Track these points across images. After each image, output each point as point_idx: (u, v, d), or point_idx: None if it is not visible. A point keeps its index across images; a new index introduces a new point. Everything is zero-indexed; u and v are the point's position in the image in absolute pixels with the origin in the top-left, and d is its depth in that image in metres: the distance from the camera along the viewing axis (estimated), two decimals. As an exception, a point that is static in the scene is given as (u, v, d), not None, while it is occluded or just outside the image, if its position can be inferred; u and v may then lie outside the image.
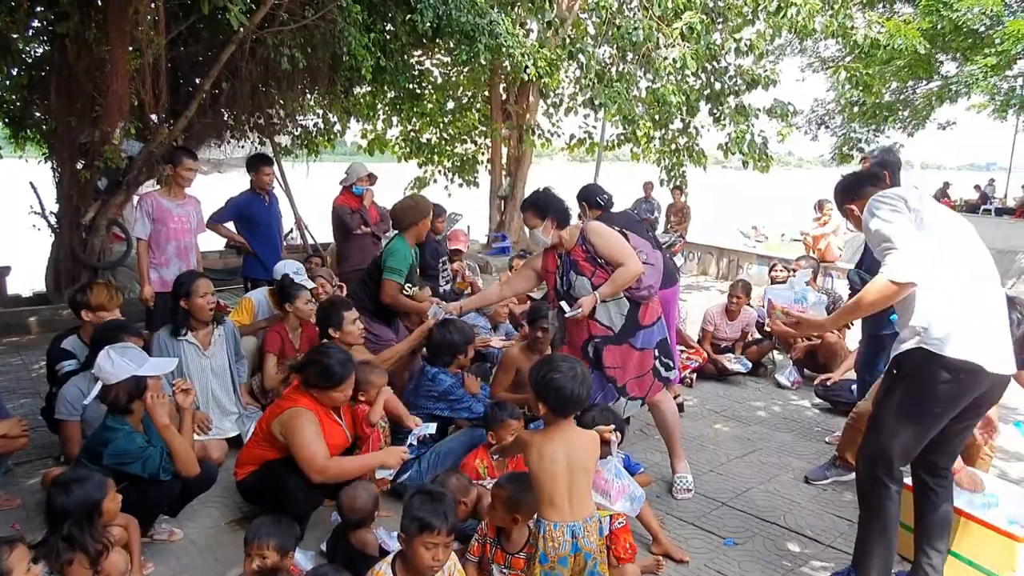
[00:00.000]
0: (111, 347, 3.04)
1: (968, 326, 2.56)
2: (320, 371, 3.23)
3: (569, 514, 2.49)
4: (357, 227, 6.35)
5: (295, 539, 2.73)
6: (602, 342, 3.67)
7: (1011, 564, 2.89)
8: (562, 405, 2.55)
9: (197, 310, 4.06)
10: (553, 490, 2.49)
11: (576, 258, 3.70)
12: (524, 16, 10.10)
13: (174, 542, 3.27)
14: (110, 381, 2.96)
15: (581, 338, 3.73)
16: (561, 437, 2.56)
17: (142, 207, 4.93)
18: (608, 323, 3.69)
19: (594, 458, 2.63)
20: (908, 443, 2.71)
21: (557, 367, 2.57)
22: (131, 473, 2.90)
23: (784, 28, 9.66)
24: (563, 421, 2.59)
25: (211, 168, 9.29)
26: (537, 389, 2.59)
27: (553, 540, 2.47)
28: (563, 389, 2.52)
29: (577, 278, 3.69)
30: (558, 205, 3.78)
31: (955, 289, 2.58)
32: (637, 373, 3.74)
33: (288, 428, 3.12)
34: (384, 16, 7.59)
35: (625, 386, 3.73)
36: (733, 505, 3.84)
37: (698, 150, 11.05)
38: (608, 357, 3.68)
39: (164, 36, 6.14)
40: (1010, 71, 15.04)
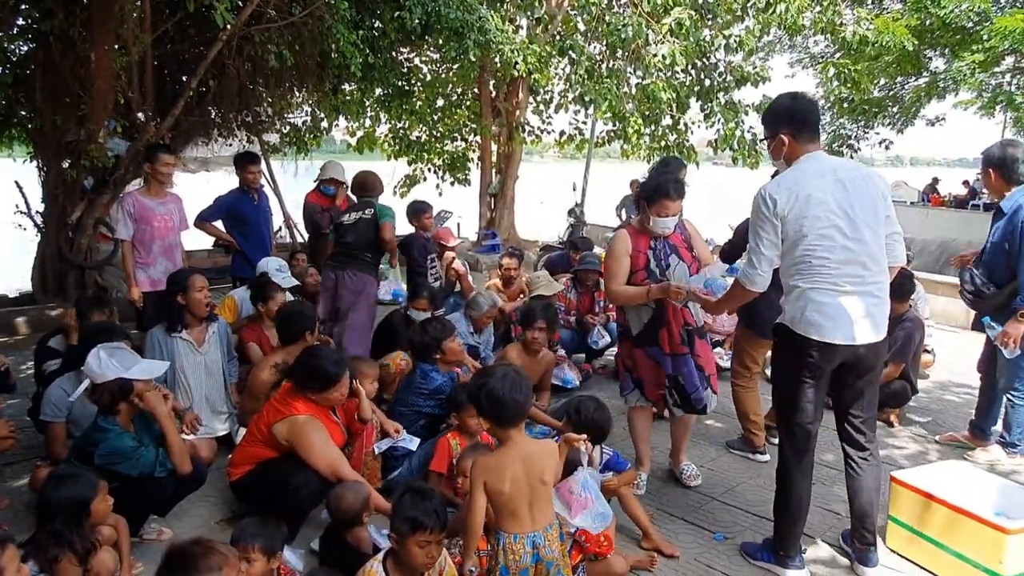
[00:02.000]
0: (102, 346, 3.04)
1: (824, 307, 2.81)
2: (314, 373, 3.22)
3: (530, 524, 2.46)
4: (327, 226, 6.40)
5: (282, 540, 2.71)
6: (693, 331, 3.70)
7: (999, 556, 2.91)
8: (499, 412, 2.46)
9: (194, 305, 4.04)
10: (514, 504, 2.44)
11: (677, 244, 3.70)
12: (513, 13, 10.08)
13: (163, 541, 3.25)
14: (97, 380, 2.95)
15: (679, 325, 3.67)
16: (516, 454, 2.47)
17: (123, 208, 4.86)
18: (696, 315, 3.75)
19: (553, 469, 2.56)
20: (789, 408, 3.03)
21: (490, 374, 2.53)
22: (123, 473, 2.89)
23: (773, 24, 9.70)
24: (513, 433, 2.50)
25: (198, 166, 9.25)
26: (474, 402, 2.55)
27: (513, 553, 2.43)
28: (494, 392, 2.44)
29: (678, 263, 3.66)
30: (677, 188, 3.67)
31: (811, 273, 2.83)
32: (714, 370, 3.83)
33: (298, 438, 3.13)
34: (372, 13, 7.56)
35: (710, 377, 3.76)
36: (723, 500, 3.85)
37: (688, 146, 11.07)
38: (700, 348, 3.74)
39: (150, 34, 6.09)
40: (997, 68, 15.14)
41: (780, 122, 2.98)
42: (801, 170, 2.88)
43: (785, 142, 2.95)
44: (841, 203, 2.81)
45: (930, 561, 3.18)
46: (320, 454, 3.10)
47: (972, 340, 7.39)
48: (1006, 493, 3.28)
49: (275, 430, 3.17)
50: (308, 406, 3.23)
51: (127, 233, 4.83)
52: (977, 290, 4.24)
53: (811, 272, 2.83)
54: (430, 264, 6.10)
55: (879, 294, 2.89)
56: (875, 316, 2.88)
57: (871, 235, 2.85)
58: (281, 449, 3.18)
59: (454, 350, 4.23)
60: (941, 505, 3.13)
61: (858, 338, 2.84)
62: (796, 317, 2.89)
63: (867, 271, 2.85)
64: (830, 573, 3.21)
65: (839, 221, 2.80)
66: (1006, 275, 4.09)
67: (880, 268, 2.89)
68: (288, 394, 3.27)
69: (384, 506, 3.06)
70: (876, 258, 2.88)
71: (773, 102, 3.15)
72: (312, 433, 3.13)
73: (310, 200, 6.56)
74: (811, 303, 2.84)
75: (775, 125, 3.00)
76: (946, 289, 8.18)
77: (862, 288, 2.84)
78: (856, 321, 2.83)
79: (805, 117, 2.95)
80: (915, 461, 4.37)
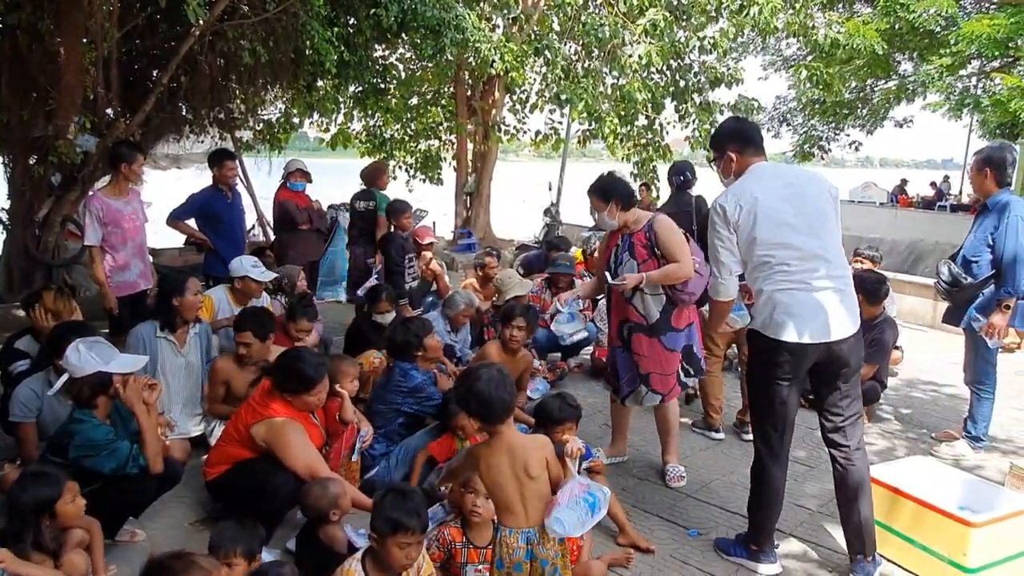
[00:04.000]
0: (81, 340, 3.01)
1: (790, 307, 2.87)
2: (293, 376, 3.20)
3: (524, 520, 2.51)
4: (304, 223, 6.48)
5: (261, 542, 2.70)
6: (635, 328, 3.82)
7: (963, 549, 2.98)
8: (486, 410, 2.56)
9: (187, 308, 4.05)
10: (505, 497, 2.50)
11: (635, 241, 3.81)
12: (489, 12, 10.08)
13: (137, 543, 3.19)
14: (76, 375, 2.92)
15: (618, 318, 3.90)
16: (502, 446, 2.57)
17: (91, 212, 4.70)
18: (643, 313, 3.82)
19: (538, 461, 2.60)
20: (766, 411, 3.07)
21: (474, 375, 2.60)
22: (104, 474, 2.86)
23: (747, 26, 9.81)
24: (501, 428, 2.59)
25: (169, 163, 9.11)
26: (462, 404, 2.62)
27: (507, 546, 2.48)
28: (481, 393, 2.53)
29: (629, 260, 3.80)
30: (622, 188, 3.90)
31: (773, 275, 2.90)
32: (662, 370, 3.86)
33: (276, 440, 3.10)
34: (348, 10, 7.50)
35: (648, 376, 3.85)
36: (697, 497, 3.89)
37: (664, 146, 11.16)
38: (635, 343, 3.84)
39: (119, 28, 5.98)
40: (964, 71, 15.46)
41: (726, 141, 3.15)
42: (748, 179, 3.02)
43: (733, 159, 3.10)
44: (791, 203, 2.92)
45: (899, 555, 3.25)
46: (298, 456, 3.08)
47: (938, 338, 7.56)
48: (971, 488, 3.37)
49: (253, 431, 3.15)
50: (286, 408, 3.20)
51: (96, 239, 4.68)
52: (955, 280, 4.37)
53: (773, 274, 2.91)
54: (408, 263, 6.08)
55: (843, 287, 2.94)
56: (843, 311, 2.92)
57: (825, 232, 2.95)
58: (258, 450, 3.15)
59: (435, 347, 4.31)
60: (908, 500, 3.20)
61: (828, 335, 2.88)
62: (765, 320, 2.94)
63: (827, 265, 2.92)
64: (801, 568, 3.26)
65: (791, 220, 2.90)
66: (985, 269, 4.25)
67: (840, 262, 2.98)
68: (266, 394, 3.24)
69: (366, 502, 3.06)
70: (834, 253, 2.96)
71: (719, 126, 3.35)
72: (291, 435, 3.11)
73: (283, 198, 6.55)
74: (778, 305, 2.90)
75: (722, 145, 3.17)
76: (914, 288, 8.34)
77: (825, 284, 2.89)
78: (824, 318, 2.88)
79: (750, 135, 3.13)
80: (884, 457, 4.45)
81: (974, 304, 4.37)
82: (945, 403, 5.64)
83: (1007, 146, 4.48)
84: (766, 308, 2.93)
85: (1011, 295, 4.15)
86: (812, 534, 3.55)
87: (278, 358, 3.35)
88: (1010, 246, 4.12)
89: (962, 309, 4.45)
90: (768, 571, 3.14)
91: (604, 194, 3.84)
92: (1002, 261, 4.15)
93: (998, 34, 12.07)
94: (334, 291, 8.28)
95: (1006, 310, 4.19)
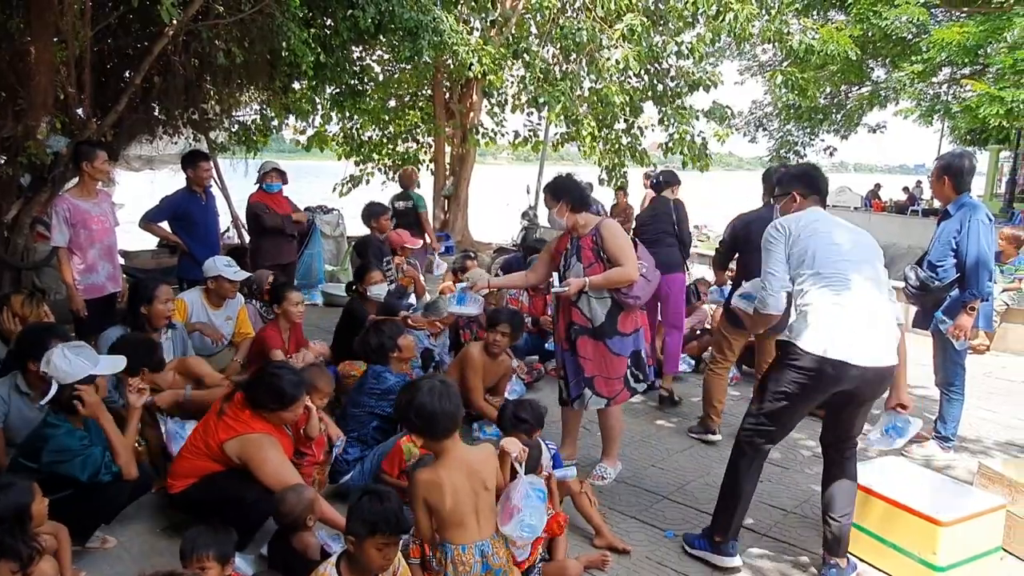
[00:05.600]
0: (65, 346, 2.98)
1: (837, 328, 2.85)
2: (271, 392, 3.16)
3: (477, 532, 2.44)
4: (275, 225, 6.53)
5: (233, 545, 2.67)
6: (580, 330, 3.85)
7: (933, 548, 3.03)
8: (430, 425, 2.42)
9: (155, 316, 4.02)
10: (460, 515, 2.42)
11: (583, 244, 3.86)
12: (468, 14, 10.08)
13: (107, 550, 3.15)
14: (66, 380, 2.88)
15: (564, 320, 3.93)
16: (456, 463, 2.44)
17: (58, 213, 4.62)
18: (588, 315, 3.84)
19: (494, 473, 2.56)
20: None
21: (416, 388, 2.48)
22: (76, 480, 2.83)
23: (723, 32, 9.90)
24: (448, 444, 2.45)
25: (142, 165, 8.98)
26: (403, 420, 2.50)
27: (463, 564, 2.41)
28: (424, 407, 2.39)
29: (576, 263, 3.85)
30: (573, 189, 3.94)
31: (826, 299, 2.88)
32: (607, 374, 3.87)
33: (252, 458, 3.06)
34: (324, 11, 7.45)
35: (592, 379, 3.87)
36: (673, 498, 3.91)
37: (641, 150, 11.24)
38: (581, 346, 3.86)
39: (91, 27, 5.89)
40: (935, 78, 15.74)
41: (795, 182, 3.30)
42: (807, 213, 3.12)
43: (796, 200, 3.24)
44: (847, 237, 3.03)
45: (870, 554, 3.29)
46: (274, 473, 3.03)
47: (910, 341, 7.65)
48: (940, 487, 3.42)
49: (227, 448, 3.08)
50: (261, 423, 3.15)
51: (63, 240, 4.61)
52: (922, 284, 4.44)
53: (823, 286, 2.90)
54: (386, 266, 6.07)
55: (889, 320, 2.97)
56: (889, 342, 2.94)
57: (879, 265, 3.05)
58: (230, 465, 3.10)
59: (409, 346, 4.33)
60: (879, 500, 3.24)
61: (873, 361, 2.86)
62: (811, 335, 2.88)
63: (878, 295, 2.95)
64: (775, 568, 3.29)
65: (847, 247, 2.99)
66: (950, 273, 4.33)
67: (887, 297, 3.00)
68: (240, 410, 3.17)
69: (332, 518, 3.03)
70: (884, 287, 3.01)
71: (792, 168, 3.55)
72: (268, 451, 3.06)
73: (255, 200, 6.51)
74: (826, 318, 2.86)
75: (790, 185, 3.31)
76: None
77: (876, 310, 2.93)
78: (869, 343, 2.87)
79: (818, 184, 3.26)
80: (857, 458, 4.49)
81: (941, 307, 4.44)
82: (916, 404, 5.69)
83: (966, 154, 4.58)
84: (812, 321, 2.89)
85: (976, 297, 4.24)
86: (786, 534, 3.59)
87: (257, 374, 3.31)
88: (972, 250, 4.20)
89: (931, 312, 4.52)
90: (730, 564, 3.19)
91: (555, 193, 3.93)
92: (966, 265, 4.24)
93: (968, 41, 12.32)
94: (310, 294, 8.22)
95: (971, 312, 4.28)
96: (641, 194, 10.47)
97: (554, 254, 4.05)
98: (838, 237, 3.01)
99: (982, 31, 12.36)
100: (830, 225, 3.07)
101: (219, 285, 4.76)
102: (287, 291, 4.72)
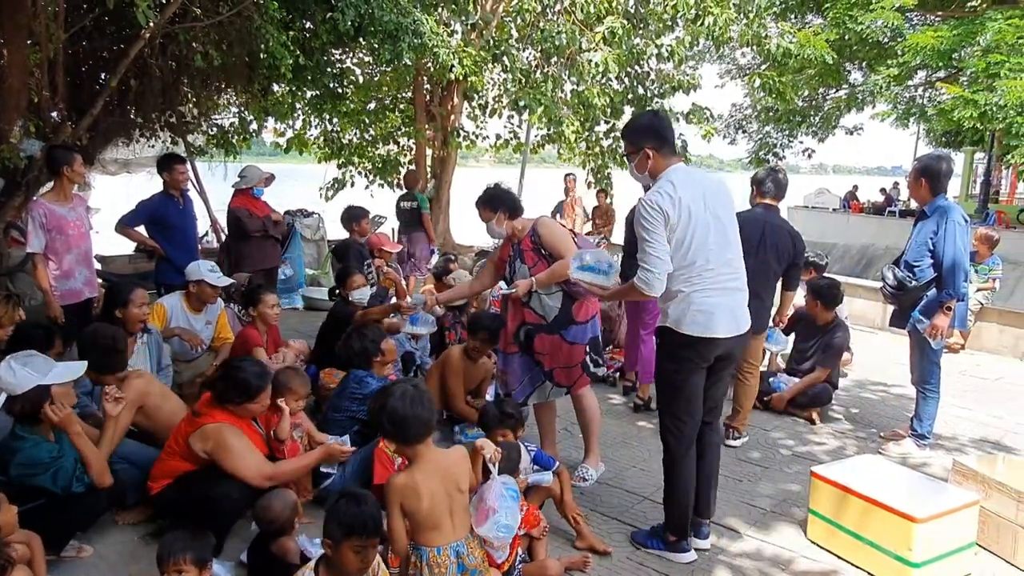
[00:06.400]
0: (12, 357, 2.91)
1: (706, 307, 3.06)
2: (235, 385, 3.15)
3: (451, 533, 2.44)
4: (257, 230, 6.50)
5: (211, 549, 2.64)
6: (534, 329, 3.88)
7: (908, 544, 3.06)
8: (402, 430, 2.42)
9: (129, 321, 3.99)
10: (435, 518, 2.42)
11: (524, 247, 3.91)
12: (448, 17, 10.08)
13: (83, 559, 3.11)
14: (14, 392, 2.83)
15: (515, 322, 3.95)
16: (430, 467, 2.44)
17: (34, 219, 4.56)
18: (541, 313, 3.87)
19: (467, 475, 2.56)
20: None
21: (388, 393, 2.47)
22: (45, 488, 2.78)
23: (702, 36, 9.98)
24: (421, 449, 2.45)
25: (119, 168, 8.89)
26: (376, 425, 2.50)
27: (438, 566, 2.39)
28: (395, 412, 2.39)
29: (520, 266, 3.91)
30: (507, 198, 4.00)
31: (693, 276, 3.05)
32: (565, 364, 3.92)
33: (215, 445, 3.05)
34: (304, 14, 7.41)
35: (552, 372, 3.92)
36: (654, 499, 3.91)
37: (623, 153, 11.27)
38: (538, 343, 3.89)
39: (64, 30, 5.81)
40: (911, 81, 15.97)
41: (644, 137, 3.18)
42: (674, 181, 3.07)
43: (650, 156, 3.15)
44: (711, 211, 3.07)
45: (847, 551, 3.33)
46: (240, 455, 3.03)
47: (887, 340, 7.77)
48: (915, 484, 3.46)
49: (191, 443, 3.08)
50: (226, 416, 3.15)
51: (39, 245, 4.54)
52: (900, 284, 4.50)
53: (693, 276, 3.06)
54: (366, 269, 6.05)
55: (743, 288, 3.22)
56: (745, 310, 3.23)
57: (735, 238, 3.17)
58: (200, 462, 3.09)
59: (391, 350, 4.34)
60: (856, 497, 3.28)
61: (733, 331, 3.14)
62: (681, 319, 3.09)
63: (735, 271, 3.17)
64: (755, 566, 3.31)
65: (712, 226, 3.06)
66: (927, 273, 4.40)
67: (742, 267, 3.22)
68: (206, 406, 3.18)
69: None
70: (739, 258, 3.21)
71: (634, 119, 3.47)
72: (229, 439, 3.05)
73: (236, 205, 6.47)
74: (693, 304, 3.06)
75: (639, 140, 3.20)
76: (865, 292, 8.57)
77: (735, 286, 3.16)
78: (732, 316, 3.13)
79: (666, 134, 3.19)
80: (835, 456, 4.55)
81: (917, 307, 4.51)
82: (893, 403, 5.80)
83: (943, 156, 4.65)
84: (683, 307, 3.08)
85: (952, 297, 4.31)
86: (766, 533, 3.62)
87: (221, 370, 3.31)
88: (949, 251, 4.27)
89: (908, 312, 4.59)
90: (686, 559, 3.27)
91: (491, 204, 3.96)
92: (942, 266, 4.31)
93: (942, 45, 12.53)
94: (290, 298, 8.18)
95: (948, 312, 4.35)
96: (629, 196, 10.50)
97: (499, 263, 4.13)
98: (705, 215, 3.04)
99: (955, 35, 12.58)
100: (697, 198, 3.03)
101: (201, 290, 4.71)
102: (262, 293, 4.71)
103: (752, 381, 4.78)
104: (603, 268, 3.27)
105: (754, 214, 4.56)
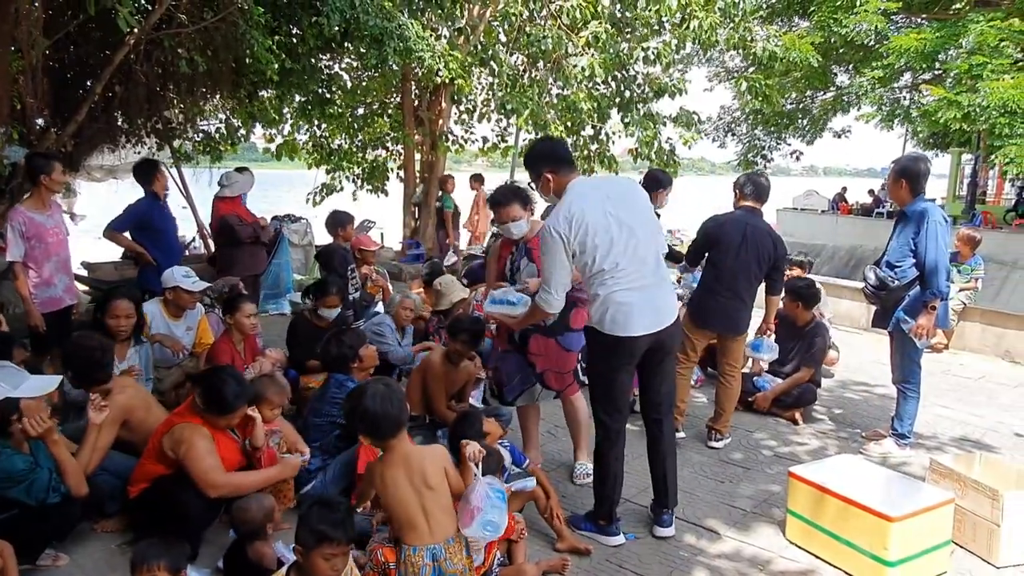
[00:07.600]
0: None
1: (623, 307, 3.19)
2: (213, 398, 3.16)
3: (428, 535, 2.47)
4: (249, 237, 6.57)
5: (185, 557, 2.64)
6: (531, 329, 3.88)
7: (884, 543, 3.09)
8: (375, 427, 2.57)
9: (111, 329, 4.00)
10: (407, 513, 2.47)
11: (532, 246, 3.91)
12: (435, 22, 10.10)
13: (60, 567, 3.10)
14: None
15: None
16: (397, 459, 2.57)
17: (13, 228, 4.53)
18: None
19: (436, 472, 2.60)
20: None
21: (361, 392, 2.61)
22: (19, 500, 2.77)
23: (688, 39, 10.02)
24: (393, 443, 2.59)
25: (104, 175, 8.86)
26: (351, 423, 2.64)
27: (412, 565, 2.44)
28: (367, 411, 2.54)
29: (528, 264, 3.92)
30: (527, 195, 4.05)
31: (607, 280, 3.18)
32: (558, 368, 3.94)
33: (179, 444, 3.05)
34: (290, 19, 7.41)
35: (543, 374, 3.95)
36: (635, 501, 3.94)
37: (609, 156, 11.32)
38: (533, 344, 3.91)
39: (47, 36, 5.81)
40: (896, 83, 16.08)
41: (541, 163, 3.37)
42: (571, 197, 3.23)
43: (550, 179, 3.32)
44: (613, 213, 3.18)
45: (825, 551, 3.36)
46: (196, 458, 3.03)
47: (872, 340, 7.81)
48: (892, 484, 3.50)
49: (163, 442, 3.10)
50: (200, 421, 3.16)
51: (19, 254, 4.52)
52: (882, 283, 4.54)
53: (607, 279, 3.19)
54: (350, 274, 6.05)
55: (662, 282, 3.35)
56: (666, 304, 3.35)
57: (644, 233, 3.24)
58: (171, 463, 3.10)
59: (371, 356, 4.34)
60: (833, 497, 3.30)
61: (655, 326, 3.25)
62: (602, 320, 3.24)
63: (648, 266, 3.26)
64: (733, 567, 3.34)
65: (615, 229, 3.16)
66: (909, 272, 4.44)
67: (659, 260, 3.34)
68: (185, 408, 3.20)
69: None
70: (654, 253, 3.31)
71: (530, 147, 3.61)
72: (195, 440, 3.05)
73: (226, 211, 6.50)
74: (613, 305, 3.20)
75: (537, 167, 3.37)
76: (851, 293, 8.63)
77: (650, 282, 3.25)
78: (652, 312, 3.24)
79: (561, 154, 3.39)
80: (816, 457, 4.58)
81: (901, 306, 4.54)
82: (876, 403, 5.84)
83: (921, 157, 4.70)
84: (603, 309, 3.23)
85: (936, 297, 4.34)
86: (745, 534, 3.64)
87: (204, 375, 3.31)
88: (931, 252, 4.31)
89: (890, 312, 4.62)
90: (614, 542, 3.45)
91: (524, 200, 3.98)
92: (925, 267, 4.34)
93: (925, 48, 12.61)
94: (278, 304, 8.17)
95: (932, 311, 4.38)
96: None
97: (499, 263, 4.13)
98: (607, 220, 3.15)
99: (939, 37, 12.67)
100: (596, 206, 3.16)
101: (178, 296, 4.71)
102: (240, 302, 4.65)
103: (734, 384, 4.81)
104: (512, 300, 3.63)
105: (736, 216, 4.65)
